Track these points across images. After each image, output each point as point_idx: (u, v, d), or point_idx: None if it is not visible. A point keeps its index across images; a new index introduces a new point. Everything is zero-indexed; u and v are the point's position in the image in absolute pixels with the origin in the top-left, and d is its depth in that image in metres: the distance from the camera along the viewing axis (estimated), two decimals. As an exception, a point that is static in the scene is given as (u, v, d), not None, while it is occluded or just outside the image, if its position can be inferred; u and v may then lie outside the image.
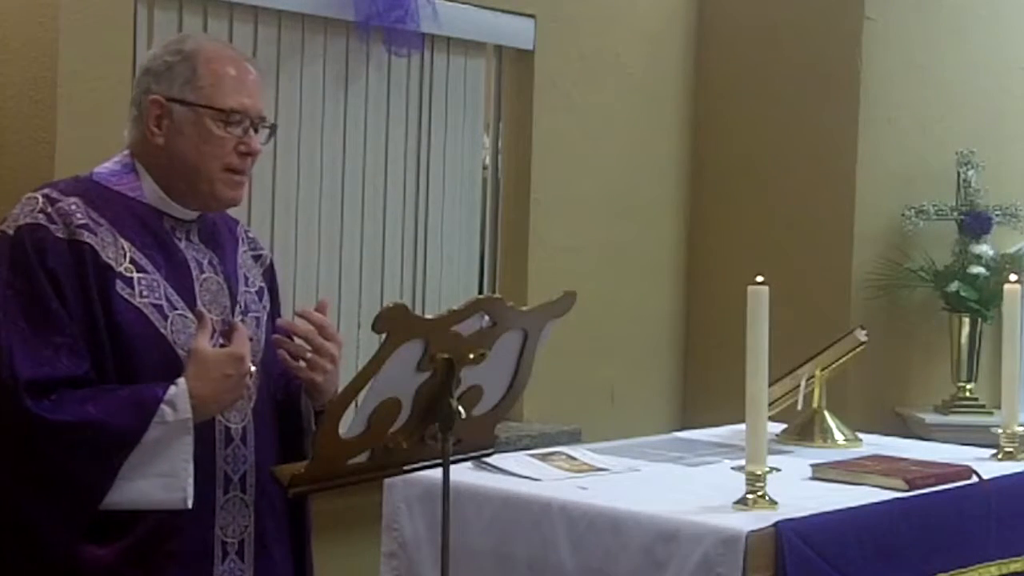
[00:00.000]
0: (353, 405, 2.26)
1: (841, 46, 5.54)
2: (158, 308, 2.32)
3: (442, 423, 2.29)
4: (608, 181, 5.55)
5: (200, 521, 2.32)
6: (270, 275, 2.62)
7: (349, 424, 2.23)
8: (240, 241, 2.58)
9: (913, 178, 5.50)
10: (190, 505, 2.25)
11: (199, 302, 2.38)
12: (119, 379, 2.26)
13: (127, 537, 2.25)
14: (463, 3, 4.95)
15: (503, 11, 5.11)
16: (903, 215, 5.41)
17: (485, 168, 5.31)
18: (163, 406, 2.22)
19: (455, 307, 2.27)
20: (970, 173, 5.42)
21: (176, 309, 2.34)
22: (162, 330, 2.31)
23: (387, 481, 3.07)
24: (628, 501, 2.89)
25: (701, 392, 5.76)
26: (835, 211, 5.53)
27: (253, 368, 2.31)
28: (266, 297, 2.57)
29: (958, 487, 3.19)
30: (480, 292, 5.14)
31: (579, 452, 3.41)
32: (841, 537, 2.83)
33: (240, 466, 2.39)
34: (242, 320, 2.44)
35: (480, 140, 5.26)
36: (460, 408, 2.30)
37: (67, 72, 3.86)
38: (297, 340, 2.45)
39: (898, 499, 3.03)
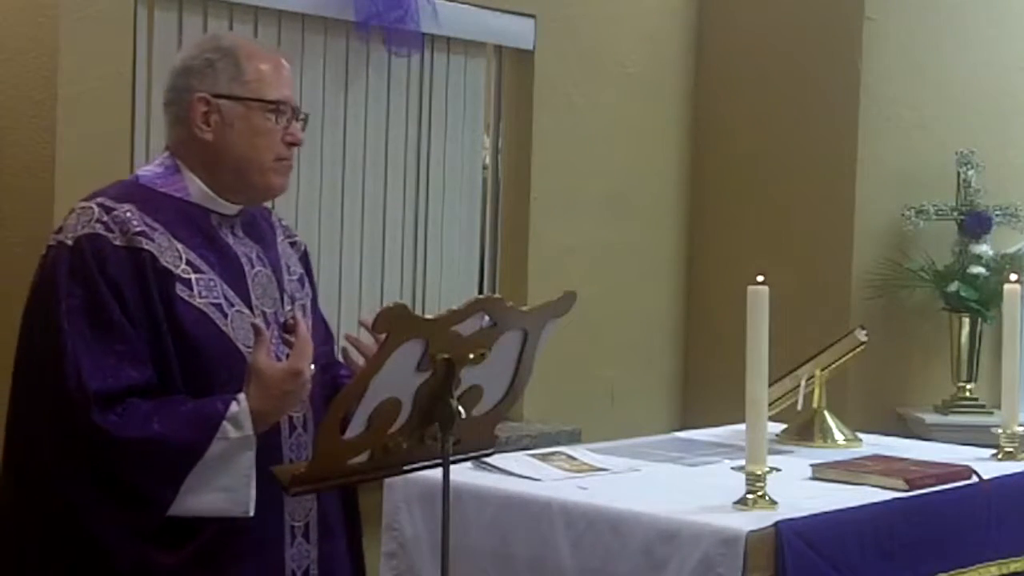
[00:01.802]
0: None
1: (841, 46, 5.54)
2: (218, 307, 2.37)
3: (442, 423, 2.29)
4: (608, 181, 5.54)
5: (272, 510, 2.37)
6: (306, 261, 2.68)
7: (349, 424, 2.23)
8: (277, 230, 2.63)
9: (913, 178, 5.50)
10: (251, 514, 2.29)
11: (252, 296, 2.43)
12: (185, 380, 2.31)
13: (195, 541, 2.30)
14: (463, 3, 4.95)
15: (503, 11, 5.11)
16: (903, 215, 5.41)
17: (485, 168, 5.31)
18: (225, 423, 2.27)
19: (455, 307, 2.27)
20: (970, 173, 5.42)
21: (234, 306, 2.39)
22: (223, 328, 2.36)
23: (387, 481, 3.07)
24: (628, 501, 2.89)
25: (701, 392, 5.76)
26: (835, 211, 5.53)
27: (313, 367, 2.35)
28: (307, 284, 2.63)
29: (958, 487, 3.19)
30: (480, 292, 5.14)
31: (579, 452, 3.40)
32: (841, 537, 2.83)
33: (302, 451, 2.44)
34: (290, 310, 2.50)
35: (480, 140, 5.26)
36: (460, 408, 2.29)
37: (67, 72, 3.86)
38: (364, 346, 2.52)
39: (898, 499, 3.03)
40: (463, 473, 2.97)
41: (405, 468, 2.42)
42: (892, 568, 2.92)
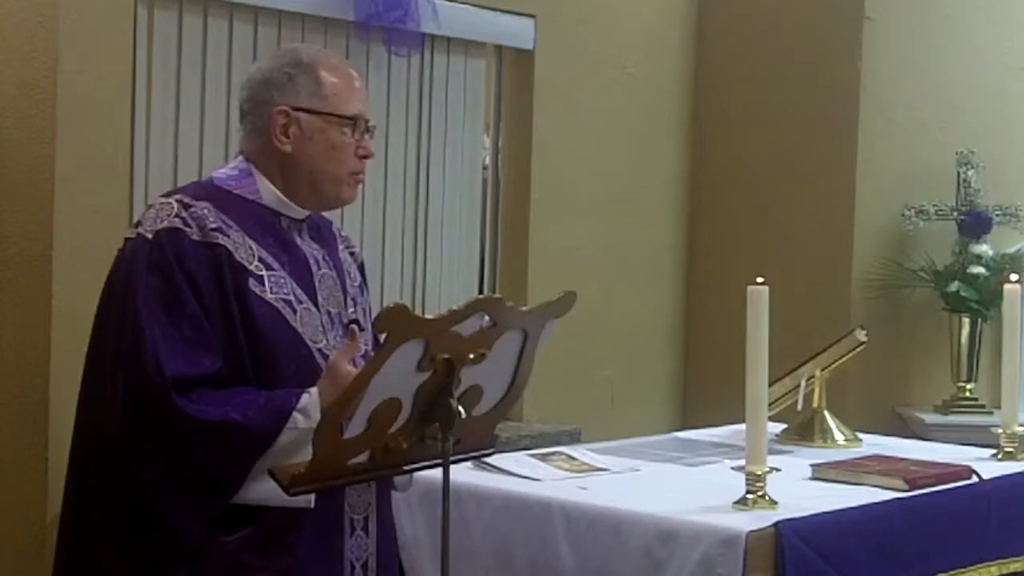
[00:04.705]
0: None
1: (841, 46, 5.54)
2: (287, 303, 2.47)
3: (442, 423, 2.29)
4: (608, 181, 5.54)
5: (329, 503, 2.45)
6: (362, 271, 2.79)
7: (349, 424, 2.24)
8: (338, 239, 2.73)
9: (913, 178, 5.50)
10: (312, 505, 2.37)
11: (319, 296, 2.54)
12: (255, 371, 2.41)
13: (255, 526, 2.39)
14: (463, 3, 4.95)
15: (503, 11, 5.11)
16: (903, 215, 5.41)
17: (485, 168, 5.31)
18: (296, 413, 2.36)
19: (455, 307, 2.28)
20: (970, 173, 5.42)
21: (302, 303, 2.50)
22: (292, 323, 2.47)
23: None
24: (628, 501, 2.89)
25: (701, 392, 5.76)
26: (835, 211, 5.53)
27: None
28: (365, 290, 2.73)
29: (958, 487, 3.20)
30: (480, 292, 5.14)
31: (579, 452, 3.41)
32: (841, 537, 2.83)
33: None
34: (352, 311, 2.60)
35: (480, 140, 5.26)
36: (460, 408, 2.30)
37: (67, 72, 3.86)
38: None
39: (898, 499, 3.03)
40: (463, 473, 2.97)
41: (405, 468, 2.43)
42: (892, 568, 2.92)
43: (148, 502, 2.34)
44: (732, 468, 3.16)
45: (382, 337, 2.21)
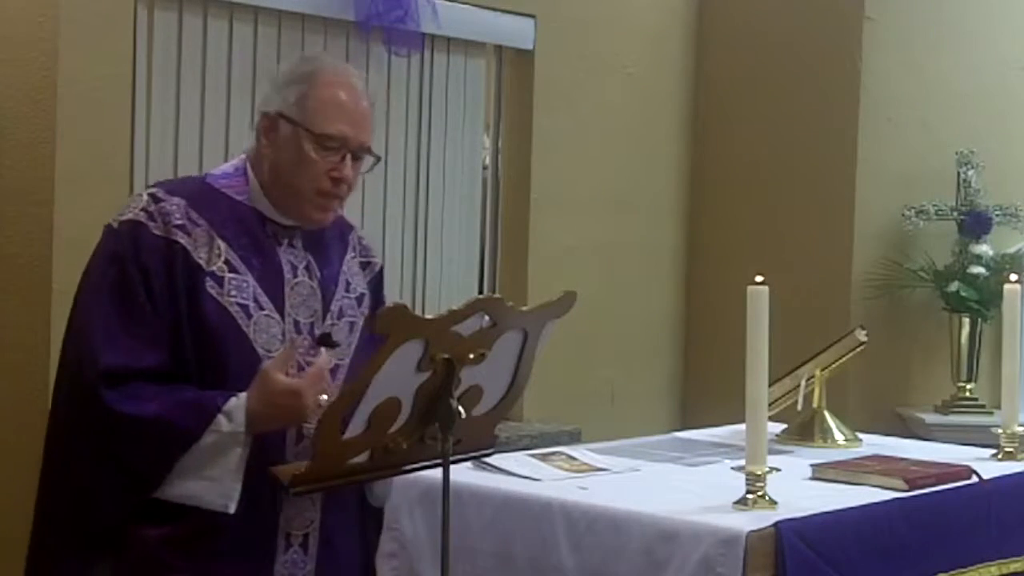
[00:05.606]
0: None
1: (841, 46, 5.54)
2: (244, 308, 2.42)
3: (442, 423, 2.29)
4: (608, 181, 5.55)
5: (261, 515, 2.41)
6: (376, 282, 2.71)
7: (349, 424, 2.24)
8: (350, 247, 2.66)
9: (913, 178, 5.50)
10: (232, 511, 2.34)
11: (287, 304, 2.47)
12: (200, 372, 2.38)
13: (178, 524, 2.36)
14: (463, 3, 4.95)
15: (503, 11, 5.11)
16: (903, 215, 5.41)
17: (485, 168, 5.31)
18: (220, 416, 2.33)
19: (455, 307, 2.28)
20: (970, 173, 5.42)
21: (263, 310, 2.44)
22: (244, 329, 2.41)
23: (387, 481, 3.07)
24: (628, 501, 2.89)
25: (701, 392, 5.76)
26: (835, 211, 5.53)
27: (325, 397, 2.37)
28: (366, 303, 2.64)
29: (958, 487, 3.19)
30: (480, 292, 5.14)
31: (579, 452, 3.40)
32: (841, 537, 2.83)
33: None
34: (333, 325, 2.52)
35: (480, 140, 5.26)
36: (460, 408, 2.30)
37: (67, 72, 3.86)
38: None
39: (898, 499, 3.03)
40: (463, 473, 2.97)
41: (405, 468, 2.42)
42: (892, 568, 2.92)
43: (71, 484, 2.37)
44: (732, 468, 3.15)
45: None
